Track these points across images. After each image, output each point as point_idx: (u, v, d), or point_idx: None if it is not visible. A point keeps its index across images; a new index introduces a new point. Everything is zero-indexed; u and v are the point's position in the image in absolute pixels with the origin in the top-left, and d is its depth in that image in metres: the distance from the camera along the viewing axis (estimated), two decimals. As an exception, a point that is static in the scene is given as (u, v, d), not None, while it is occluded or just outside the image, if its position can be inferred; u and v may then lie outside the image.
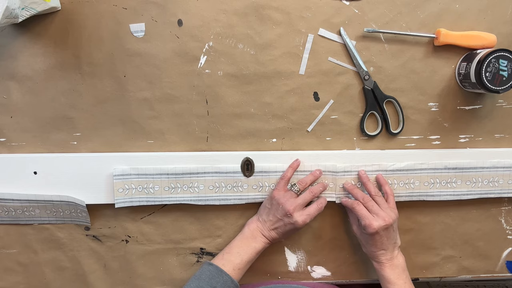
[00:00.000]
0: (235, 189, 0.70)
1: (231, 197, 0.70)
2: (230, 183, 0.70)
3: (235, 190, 0.70)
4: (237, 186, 0.70)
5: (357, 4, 0.67)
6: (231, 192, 0.70)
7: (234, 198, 0.70)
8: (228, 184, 0.70)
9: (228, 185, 0.70)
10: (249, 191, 0.70)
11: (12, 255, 0.73)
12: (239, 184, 0.70)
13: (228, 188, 0.70)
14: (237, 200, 0.70)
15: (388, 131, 0.71)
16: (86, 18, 0.66)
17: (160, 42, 0.67)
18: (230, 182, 0.70)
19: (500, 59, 0.63)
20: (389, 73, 0.70)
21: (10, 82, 0.67)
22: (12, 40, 0.66)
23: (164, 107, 0.69)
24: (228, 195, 0.70)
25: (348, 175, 0.71)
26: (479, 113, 0.72)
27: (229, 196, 0.70)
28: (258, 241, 0.67)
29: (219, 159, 0.69)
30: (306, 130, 0.71)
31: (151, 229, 0.73)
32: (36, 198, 0.68)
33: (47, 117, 0.69)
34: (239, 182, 0.70)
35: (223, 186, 0.70)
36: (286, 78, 0.69)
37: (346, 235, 0.75)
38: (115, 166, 0.68)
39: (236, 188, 0.70)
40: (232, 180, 0.70)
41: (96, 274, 0.74)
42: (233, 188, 0.70)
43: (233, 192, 0.70)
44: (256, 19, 0.67)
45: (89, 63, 0.67)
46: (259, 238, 0.67)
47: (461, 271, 0.78)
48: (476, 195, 0.73)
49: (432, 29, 0.69)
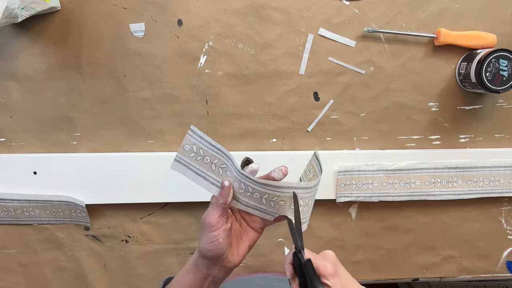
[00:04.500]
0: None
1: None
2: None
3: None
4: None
5: (357, 4, 0.67)
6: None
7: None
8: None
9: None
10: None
11: (12, 255, 0.73)
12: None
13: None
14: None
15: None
16: (86, 18, 0.66)
17: (160, 42, 0.67)
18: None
19: (500, 59, 0.63)
20: (389, 73, 0.70)
21: (10, 82, 0.67)
22: (12, 40, 0.66)
23: (164, 107, 0.69)
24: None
25: (350, 175, 0.71)
26: (479, 113, 0.72)
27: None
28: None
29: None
30: (306, 130, 0.71)
31: (151, 229, 0.73)
32: (36, 198, 0.68)
33: (47, 117, 0.69)
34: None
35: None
36: (286, 78, 0.69)
37: (346, 235, 0.75)
38: (115, 166, 0.68)
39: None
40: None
41: (96, 274, 0.74)
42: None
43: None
44: (256, 19, 0.67)
45: (89, 63, 0.67)
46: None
47: (461, 271, 0.78)
48: (477, 195, 0.73)
49: (432, 29, 0.69)
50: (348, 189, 0.71)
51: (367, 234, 0.76)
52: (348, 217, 0.75)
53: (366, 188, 0.71)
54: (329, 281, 0.45)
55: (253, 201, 0.51)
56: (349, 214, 0.75)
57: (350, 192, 0.71)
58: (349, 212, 0.75)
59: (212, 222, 0.48)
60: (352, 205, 0.75)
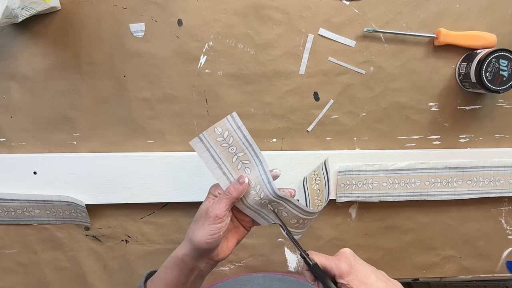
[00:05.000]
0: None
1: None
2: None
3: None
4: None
5: (357, 4, 0.67)
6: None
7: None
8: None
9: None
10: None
11: (12, 255, 0.73)
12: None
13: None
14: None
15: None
16: (86, 18, 0.66)
17: (160, 42, 0.67)
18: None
19: (500, 59, 0.63)
20: (389, 73, 0.70)
21: (10, 82, 0.67)
22: (12, 40, 0.66)
23: (164, 107, 0.69)
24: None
25: (350, 175, 0.71)
26: (479, 113, 0.72)
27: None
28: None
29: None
30: (306, 130, 0.71)
31: (151, 229, 0.73)
32: (36, 198, 0.68)
33: (47, 117, 0.69)
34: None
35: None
36: (286, 78, 0.69)
37: (346, 235, 0.75)
38: (115, 166, 0.68)
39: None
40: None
41: (96, 274, 0.74)
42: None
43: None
44: (256, 19, 0.67)
45: (89, 63, 0.67)
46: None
47: (461, 271, 0.78)
48: (477, 195, 0.73)
49: (432, 29, 0.69)
50: (348, 189, 0.71)
51: (367, 234, 0.76)
52: (348, 217, 0.75)
53: (366, 188, 0.71)
54: (344, 279, 0.45)
55: (258, 205, 0.50)
56: (349, 214, 0.75)
57: (350, 192, 0.71)
58: (349, 212, 0.75)
59: (220, 214, 0.47)
60: (352, 205, 0.75)
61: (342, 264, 0.47)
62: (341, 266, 0.46)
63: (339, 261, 0.47)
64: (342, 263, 0.47)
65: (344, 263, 0.47)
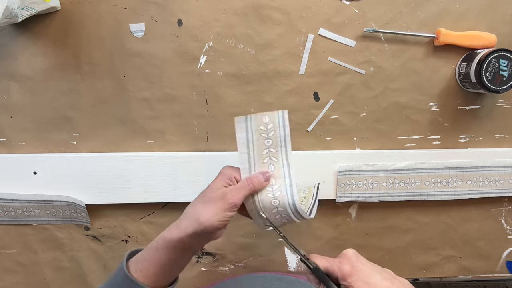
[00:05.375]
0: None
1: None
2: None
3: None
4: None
5: (357, 4, 0.67)
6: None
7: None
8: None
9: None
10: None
11: (12, 255, 0.73)
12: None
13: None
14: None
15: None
16: (86, 18, 0.66)
17: (160, 42, 0.67)
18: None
19: (500, 59, 0.63)
20: (389, 73, 0.70)
21: (10, 82, 0.67)
22: (12, 40, 0.66)
23: (164, 107, 0.69)
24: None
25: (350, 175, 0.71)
26: (479, 113, 0.72)
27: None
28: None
29: (219, 159, 0.69)
30: (306, 130, 0.71)
31: (151, 229, 0.73)
32: (36, 198, 0.68)
33: (47, 117, 0.69)
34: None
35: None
36: (286, 78, 0.69)
37: (346, 235, 0.75)
38: (115, 166, 0.68)
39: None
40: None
41: (96, 274, 0.74)
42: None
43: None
44: (256, 19, 0.67)
45: (89, 63, 0.67)
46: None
47: (461, 271, 0.78)
48: (477, 195, 0.73)
49: (432, 29, 0.69)
50: (348, 189, 0.71)
51: (367, 234, 0.76)
52: (348, 217, 0.75)
53: (366, 188, 0.71)
54: (346, 281, 0.45)
55: (265, 205, 0.50)
56: (349, 214, 0.75)
57: (350, 192, 0.71)
58: (349, 212, 0.75)
59: (237, 204, 0.47)
60: (352, 205, 0.75)
61: (344, 265, 0.46)
62: (343, 268, 0.46)
63: (341, 263, 0.47)
64: (344, 265, 0.46)
65: (346, 264, 0.46)
